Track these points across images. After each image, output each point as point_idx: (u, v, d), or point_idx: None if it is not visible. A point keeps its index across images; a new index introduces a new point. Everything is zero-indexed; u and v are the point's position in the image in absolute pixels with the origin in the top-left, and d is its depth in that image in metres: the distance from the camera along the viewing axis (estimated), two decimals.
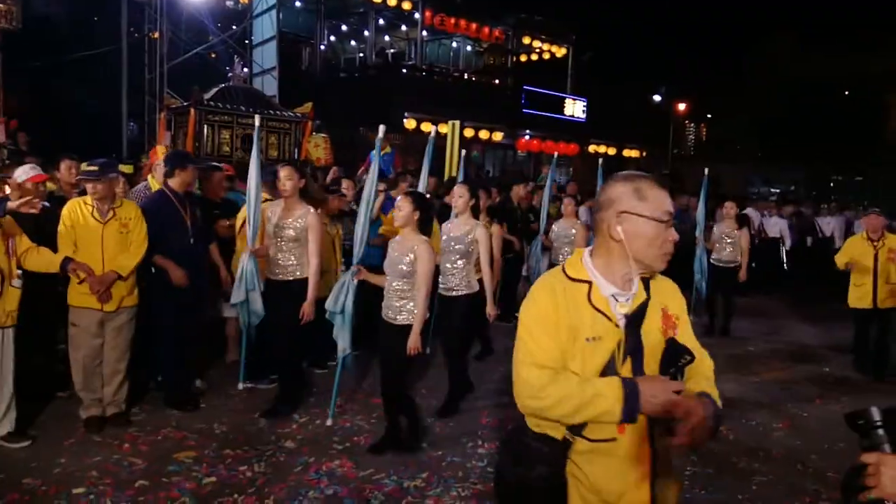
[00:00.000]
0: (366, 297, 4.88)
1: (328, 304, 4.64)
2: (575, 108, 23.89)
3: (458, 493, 3.88)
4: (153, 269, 4.82)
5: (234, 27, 15.65)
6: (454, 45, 26.63)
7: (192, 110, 9.07)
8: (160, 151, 6.02)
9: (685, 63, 34.94)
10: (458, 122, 10.25)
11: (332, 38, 24.56)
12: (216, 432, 4.55)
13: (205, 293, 5.25)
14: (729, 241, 8.20)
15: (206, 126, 9.11)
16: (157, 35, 14.31)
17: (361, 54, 25.05)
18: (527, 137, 23.06)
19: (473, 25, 23.82)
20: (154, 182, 5.59)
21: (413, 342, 4.09)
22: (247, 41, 15.89)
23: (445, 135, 10.65)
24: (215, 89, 9.74)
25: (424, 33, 23.43)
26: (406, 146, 17.71)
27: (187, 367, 5.13)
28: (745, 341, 8.09)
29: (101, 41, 14.42)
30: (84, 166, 4.75)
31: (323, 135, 10.63)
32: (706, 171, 9.19)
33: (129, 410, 4.74)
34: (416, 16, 22.57)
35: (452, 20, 23.10)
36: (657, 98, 34.32)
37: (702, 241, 8.44)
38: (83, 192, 5.03)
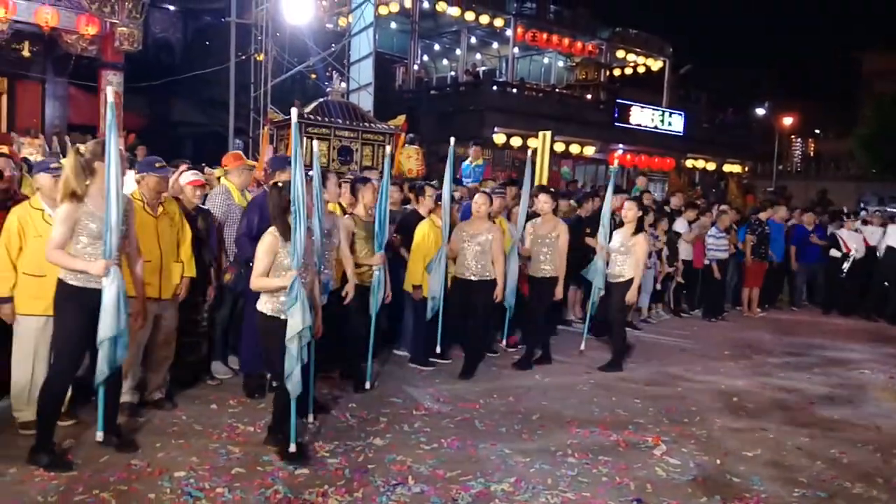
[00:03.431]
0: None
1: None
2: (672, 122, 23.24)
3: (546, 499, 3.81)
4: (250, 264, 5.01)
5: (332, 46, 16.22)
6: (545, 60, 26.61)
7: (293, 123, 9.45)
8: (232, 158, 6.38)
9: (791, 76, 33.50)
10: (548, 133, 10.20)
11: (425, 57, 25.07)
12: (308, 427, 4.66)
13: None
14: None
15: (305, 138, 9.46)
16: (262, 56, 15.02)
17: (453, 72, 25.42)
18: (619, 151, 22.66)
19: (566, 40, 23.76)
20: (230, 185, 5.83)
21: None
22: (345, 60, 16.44)
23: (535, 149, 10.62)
24: (314, 104, 10.13)
25: (516, 50, 23.56)
26: (495, 160, 17.78)
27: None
28: (858, 365, 7.60)
29: (212, 62, 15.27)
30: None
31: (415, 147, 10.81)
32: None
33: (172, 395, 5.00)
34: (508, 33, 22.73)
35: (545, 36, 23.13)
36: (761, 112, 33.03)
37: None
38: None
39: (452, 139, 5.72)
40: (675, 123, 23.35)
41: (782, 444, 4.92)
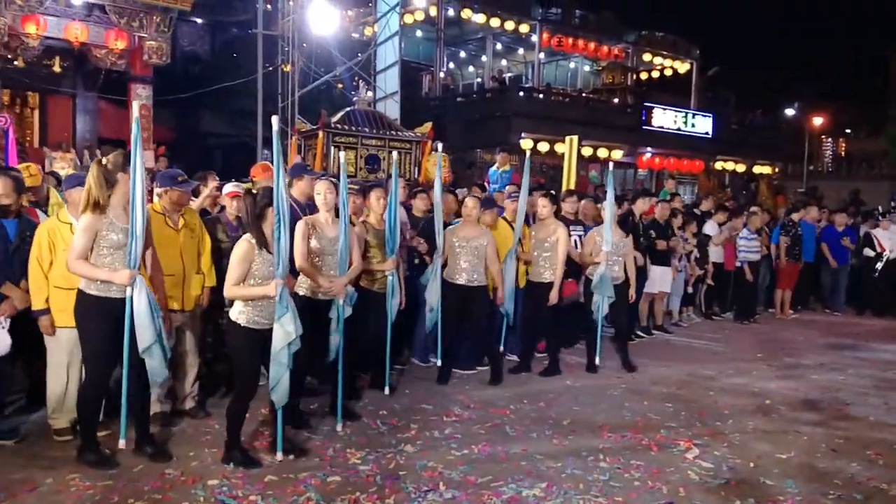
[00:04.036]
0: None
1: None
2: (700, 124, 22.97)
3: None
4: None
5: (358, 55, 16.36)
6: (571, 65, 26.53)
7: (321, 133, 9.53)
8: (260, 169, 6.48)
9: (821, 75, 32.96)
10: (575, 138, 10.16)
11: (451, 64, 25.15)
12: (339, 434, 4.69)
13: None
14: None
15: (332, 147, 9.53)
16: (289, 67, 15.19)
17: (479, 79, 25.46)
18: (648, 155, 22.48)
19: (592, 45, 23.68)
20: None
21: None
22: (371, 69, 16.56)
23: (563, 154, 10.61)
24: (341, 113, 10.20)
25: (542, 55, 23.52)
26: (521, 166, 17.73)
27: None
28: (893, 366, 7.44)
29: (239, 74, 15.46)
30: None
31: (442, 154, 10.82)
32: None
33: (204, 403, 5.08)
34: (534, 38, 22.72)
35: (570, 40, 23.08)
36: (791, 112, 32.55)
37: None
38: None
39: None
40: (704, 125, 23.06)
41: (817, 446, 4.85)
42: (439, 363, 6.05)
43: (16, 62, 12.28)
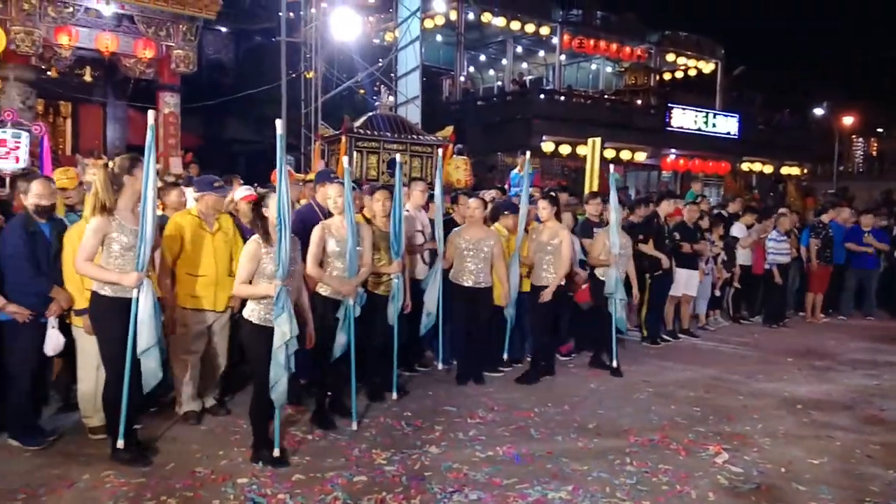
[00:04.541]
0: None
1: None
2: (725, 125, 22.65)
3: None
4: None
5: (380, 61, 16.44)
6: (593, 66, 26.42)
7: (344, 138, 9.62)
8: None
9: (851, 74, 32.43)
10: (598, 140, 10.12)
11: (471, 68, 25.18)
12: (365, 434, 4.71)
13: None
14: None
15: (355, 152, 9.61)
16: (311, 74, 15.32)
17: (499, 82, 25.46)
18: (672, 156, 22.26)
19: (614, 46, 23.55)
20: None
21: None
22: (392, 74, 16.64)
23: (585, 156, 10.57)
24: (364, 118, 10.29)
25: (562, 57, 23.46)
26: (544, 168, 17.71)
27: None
28: None
29: (263, 81, 15.63)
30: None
31: (463, 157, 10.86)
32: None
33: (224, 400, 5.17)
34: (554, 40, 22.67)
35: (592, 42, 22.98)
36: (819, 111, 32.08)
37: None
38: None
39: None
40: (730, 126, 22.71)
41: (851, 452, 4.75)
42: (440, 366, 6.11)
43: (49, 72, 12.56)
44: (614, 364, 6.61)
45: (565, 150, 19.20)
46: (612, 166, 7.22)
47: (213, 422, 4.84)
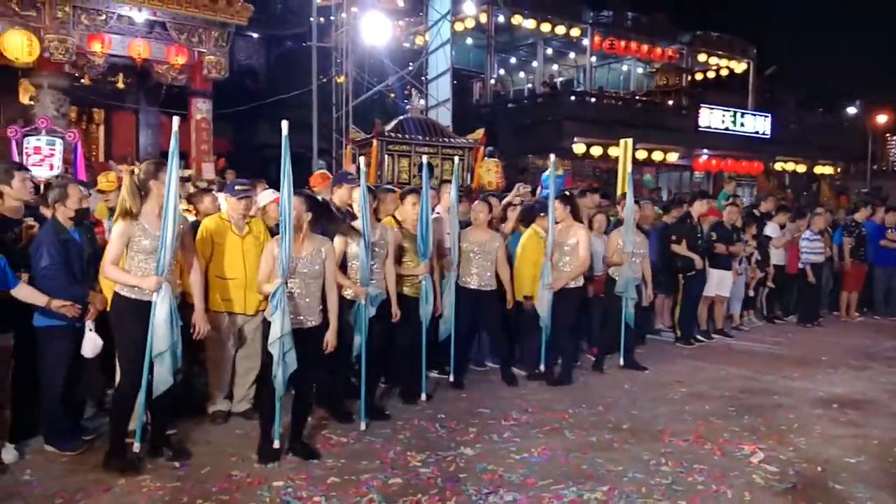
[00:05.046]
0: None
1: None
2: (758, 124, 22.37)
3: None
4: None
5: (410, 65, 16.53)
6: (624, 68, 26.25)
7: (375, 142, 9.70)
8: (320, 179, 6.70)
9: (884, 72, 31.76)
10: (630, 141, 10.06)
11: (502, 70, 25.17)
12: (399, 437, 4.75)
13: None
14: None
15: (386, 156, 9.68)
16: (342, 78, 15.44)
17: (530, 84, 25.41)
18: (704, 157, 22.02)
19: (645, 47, 23.40)
20: None
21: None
22: (422, 77, 16.71)
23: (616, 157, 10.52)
24: (395, 121, 10.36)
25: (593, 59, 23.37)
26: (575, 170, 17.63)
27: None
28: None
29: (294, 86, 15.78)
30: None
31: (494, 160, 10.87)
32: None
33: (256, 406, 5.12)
34: (585, 42, 22.58)
35: (622, 43, 22.85)
36: (852, 110, 31.48)
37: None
38: None
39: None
40: (762, 126, 22.45)
41: (888, 451, 4.69)
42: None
43: (82, 80, 12.79)
44: (621, 362, 6.69)
45: (597, 151, 19.11)
46: (629, 166, 7.18)
47: (247, 425, 4.86)
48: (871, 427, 5.17)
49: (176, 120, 4.10)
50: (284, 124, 4.14)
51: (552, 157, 6.55)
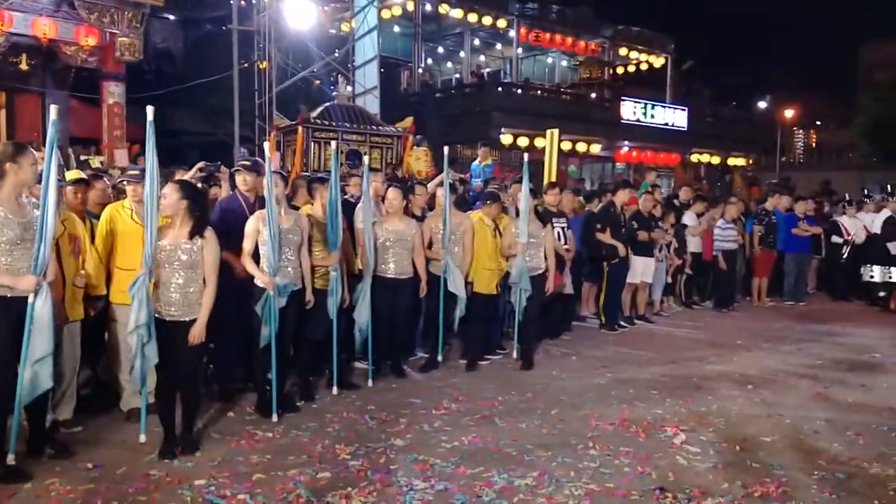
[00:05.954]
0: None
1: None
2: (675, 118, 23.17)
3: (570, 491, 3.79)
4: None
5: (336, 51, 16.24)
6: (549, 60, 26.62)
7: (301, 129, 9.48)
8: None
9: (792, 68, 33.41)
10: (556, 132, 10.18)
11: (429, 60, 25.07)
12: (328, 430, 4.66)
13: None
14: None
15: (312, 143, 9.49)
16: (265, 64, 15.01)
17: (457, 75, 25.43)
18: (625, 149, 22.62)
19: (569, 40, 23.77)
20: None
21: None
22: (349, 64, 16.44)
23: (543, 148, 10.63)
24: (321, 108, 10.16)
25: (520, 50, 23.55)
26: (503, 160, 17.75)
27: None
28: (868, 349, 7.57)
29: (214, 70, 15.25)
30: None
31: (423, 148, 10.83)
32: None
33: None
34: (511, 33, 22.74)
35: (548, 35, 23.14)
36: (763, 105, 32.96)
37: None
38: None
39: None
40: (679, 119, 23.24)
41: (799, 428, 4.93)
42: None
43: None
44: (514, 356, 6.62)
45: (523, 142, 19.31)
46: (525, 155, 7.18)
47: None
48: (783, 407, 5.41)
49: (53, 108, 3.79)
50: (149, 109, 3.99)
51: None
